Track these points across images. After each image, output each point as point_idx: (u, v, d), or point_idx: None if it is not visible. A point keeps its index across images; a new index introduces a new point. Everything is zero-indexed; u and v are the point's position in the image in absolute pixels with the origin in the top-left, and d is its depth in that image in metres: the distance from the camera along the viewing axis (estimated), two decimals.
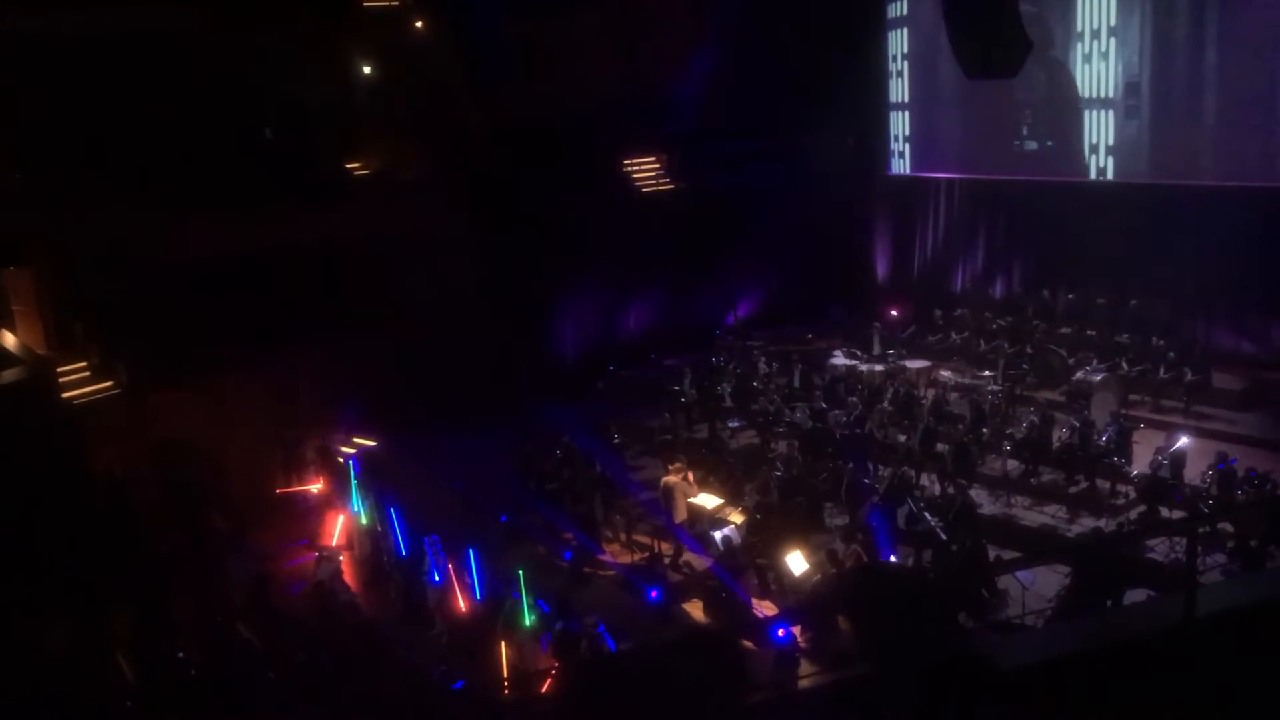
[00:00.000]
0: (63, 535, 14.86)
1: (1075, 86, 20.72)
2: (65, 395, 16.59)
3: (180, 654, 12.83)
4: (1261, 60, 18.39)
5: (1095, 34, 20.14)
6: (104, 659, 12.70)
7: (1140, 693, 3.66)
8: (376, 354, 19.40)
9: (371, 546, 16.05)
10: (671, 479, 15.47)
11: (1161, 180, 19.60)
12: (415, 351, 19.69)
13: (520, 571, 13.39)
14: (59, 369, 16.75)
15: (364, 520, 16.55)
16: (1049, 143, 21.53)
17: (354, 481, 16.95)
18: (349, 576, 15.51)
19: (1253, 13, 18.28)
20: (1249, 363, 18.90)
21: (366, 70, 21.77)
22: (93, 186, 17.59)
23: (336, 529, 16.68)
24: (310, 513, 17.45)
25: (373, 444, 19.02)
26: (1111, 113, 20.36)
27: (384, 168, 21.58)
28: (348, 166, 21.44)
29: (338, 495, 17.29)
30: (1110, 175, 20.44)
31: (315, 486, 17.92)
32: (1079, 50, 20.49)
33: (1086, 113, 20.73)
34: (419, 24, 22.21)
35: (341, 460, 18.03)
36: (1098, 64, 20.32)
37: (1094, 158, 20.75)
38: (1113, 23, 19.90)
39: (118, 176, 17.81)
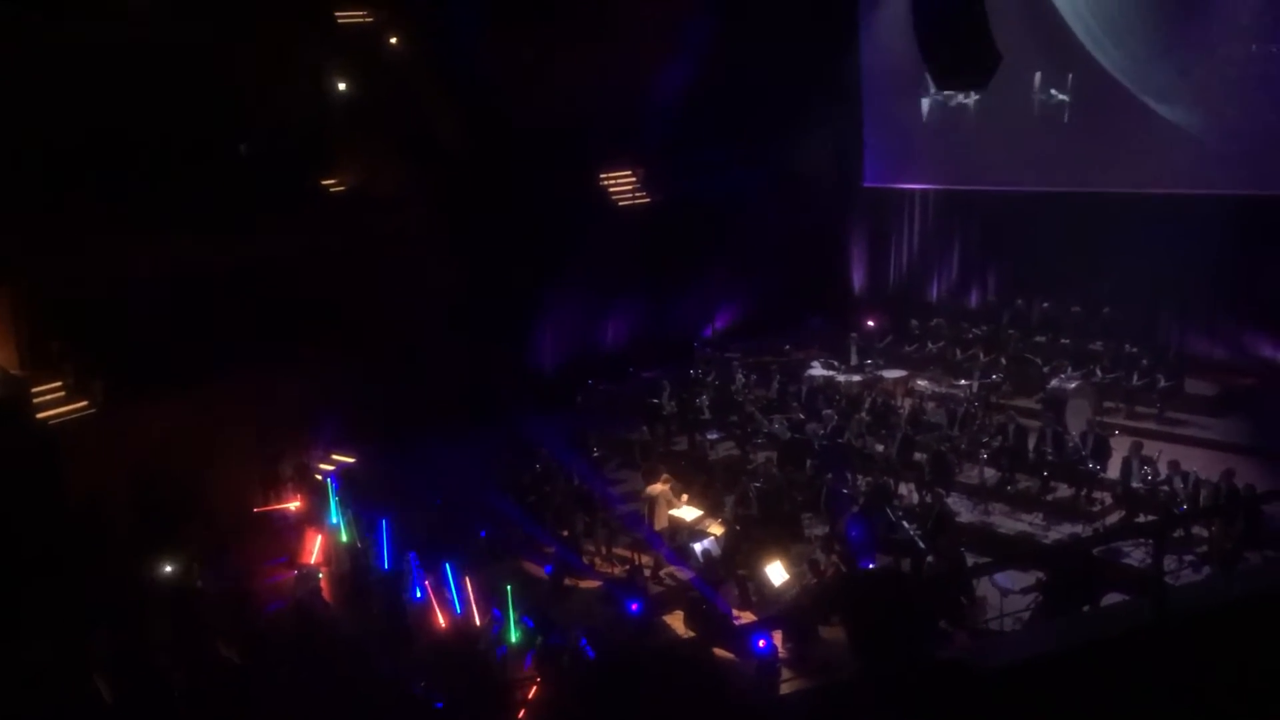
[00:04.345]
0: (39, 556, 14.77)
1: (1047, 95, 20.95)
2: (40, 415, 16.47)
3: (158, 674, 12.77)
4: (1228, 68, 18.63)
5: (1067, 41, 20.35)
6: (81, 679, 12.61)
7: (1111, 693, 3.71)
8: (355, 369, 19.34)
9: (351, 564, 16.00)
10: (657, 488, 15.49)
11: (1134, 189, 19.80)
12: (393, 366, 19.66)
13: (508, 588, 13.41)
14: (34, 389, 16.63)
15: (343, 537, 16.50)
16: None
17: (333, 498, 16.90)
18: (328, 594, 15.45)
19: (1222, 17, 18.51)
20: (1221, 368, 19.12)
21: (342, 86, 21.74)
22: (68, 203, 17.49)
23: (315, 547, 16.61)
24: (289, 530, 17.37)
25: (351, 460, 18.97)
26: (1084, 121, 20.60)
27: (361, 182, 21.54)
28: (325, 181, 21.39)
29: (316, 512, 17.22)
30: (1082, 184, 20.61)
31: (294, 504, 17.84)
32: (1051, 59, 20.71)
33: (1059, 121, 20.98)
34: (394, 40, 22.22)
35: (320, 477, 17.98)
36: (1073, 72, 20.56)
37: (1065, 167, 20.98)
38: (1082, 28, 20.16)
39: (93, 193, 17.71)
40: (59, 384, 17.06)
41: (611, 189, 24.09)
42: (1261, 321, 19.01)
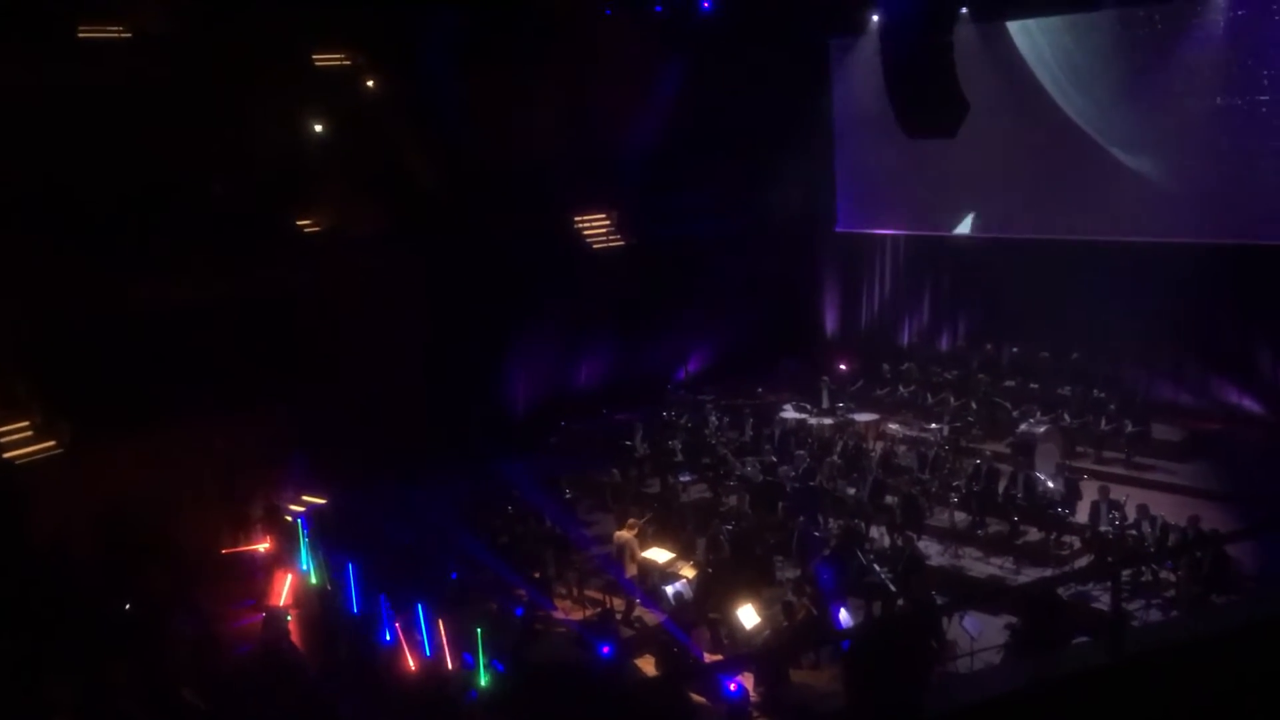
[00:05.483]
0: (3, 599, 14.57)
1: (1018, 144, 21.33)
2: (6, 455, 16.33)
3: (122, 718, 12.58)
4: (1192, 118, 19.02)
5: (1035, 90, 20.73)
6: None
7: None
8: (326, 409, 19.27)
9: (320, 606, 15.86)
10: (625, 534, 15.48)
11: (1101, 237, 20.12)
12: (366, 406, 19.60)
13: (479, 630, 13.33)
14: (0, 428, 16.49)
15: (313, 579, 16.36)
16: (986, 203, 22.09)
17: (303, 540, 16.78)
18: (297, 637, 15.29)
19: (1186, 69, 18.91)
20: (1187, 414, 19.36)
21: (318, 127, 21.83)
22: (35, 241, 17.42)
23: (285, 588, 16.47)
24: (258, 572, 17.21)
25: (321, 502, 18.85)
26: (1052, 170, 20.97)
27: (335, 223, 21.59)
28: (298, 222, 21.43)
29: (286, 554, 17.09)
30: (1051, 232, 20.92)
31: (263, 545, 17.69)
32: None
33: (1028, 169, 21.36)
34: (370, 83, 22.36)
35: (290, 518, 17.85)
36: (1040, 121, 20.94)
37: (1035, 215, 21.33)
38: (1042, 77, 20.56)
39: (62, 232, 17.66)
40: (26, 424, 16.93)
41: (585, 231, 24.27)
42: (1225, 368, 19.28)
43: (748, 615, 13.59)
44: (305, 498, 18.92)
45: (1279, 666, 4.70)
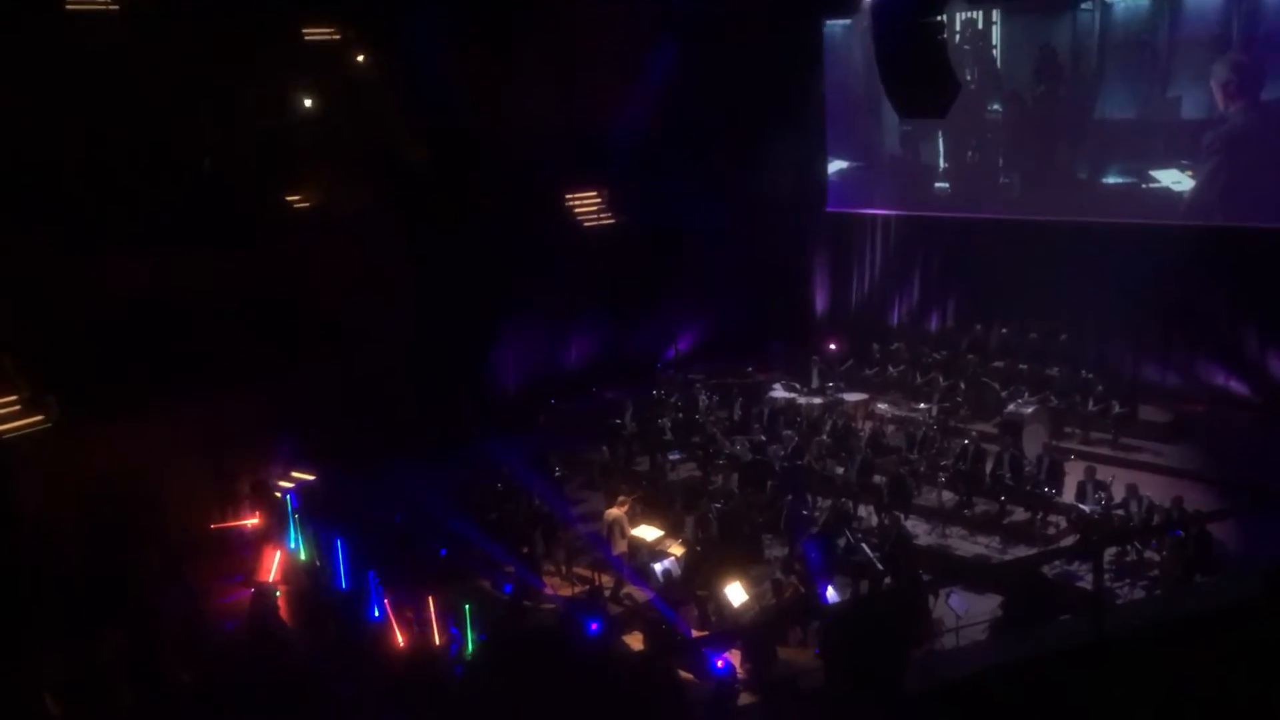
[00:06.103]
0: None
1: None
2: None
3: (109, 693, 12.62)
4: (1182, 99, 19.04)
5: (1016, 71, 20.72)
6: (32, 698, 12.44)
7: (1050, 706, 3.80)
8: (316, 387, 19.24)
9: (309, 582, 15.89)
10: (614, 512, 15.52)
11: (1090, 218, 20.15)
12: (355, 384, 19.57)
13: (467, 607, 13.39)
14: None
15: (301, 555, 16.37)
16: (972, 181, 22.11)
17: (291, 516, 16.78)
18: (285, 613, 15.33)
19: (1170, 51, 18.94)
20: (1174, 396, 19.44)
21: (307, 102, 21.69)
22: (23, 217, 17.31)
23: (273, 565, 16.49)
24: (246, 548, 17.22)
25: (311, 478, 18.84)
26: (1044, 151, 20.98)
27: (324, 200, 21.48)
28: (287, 199, 21.32)
29: (274, 530, 17.09)
30: (1040, 213, 20.94)
31: (251, 521, 17.70)
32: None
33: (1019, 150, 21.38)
34: (360, 57, 22.22)
35: (278, 495, 17.85)
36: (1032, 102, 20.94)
37: (1024, 196, 21.35)
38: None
39: (50, 207, 17.56)
40: (13, 398, 16.86)
41: (576, 209, 24.18)
42: (1212, 350, 19.36)
43: (735, 593, 13.66)
44: (294, 474, 18.92)
45: (1260, 645, 4.76)
